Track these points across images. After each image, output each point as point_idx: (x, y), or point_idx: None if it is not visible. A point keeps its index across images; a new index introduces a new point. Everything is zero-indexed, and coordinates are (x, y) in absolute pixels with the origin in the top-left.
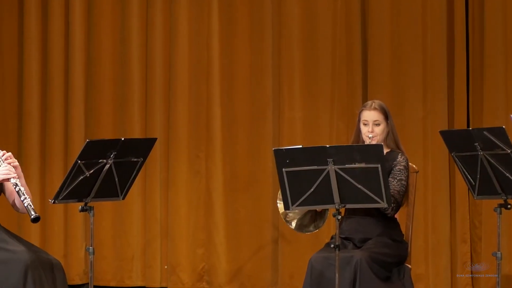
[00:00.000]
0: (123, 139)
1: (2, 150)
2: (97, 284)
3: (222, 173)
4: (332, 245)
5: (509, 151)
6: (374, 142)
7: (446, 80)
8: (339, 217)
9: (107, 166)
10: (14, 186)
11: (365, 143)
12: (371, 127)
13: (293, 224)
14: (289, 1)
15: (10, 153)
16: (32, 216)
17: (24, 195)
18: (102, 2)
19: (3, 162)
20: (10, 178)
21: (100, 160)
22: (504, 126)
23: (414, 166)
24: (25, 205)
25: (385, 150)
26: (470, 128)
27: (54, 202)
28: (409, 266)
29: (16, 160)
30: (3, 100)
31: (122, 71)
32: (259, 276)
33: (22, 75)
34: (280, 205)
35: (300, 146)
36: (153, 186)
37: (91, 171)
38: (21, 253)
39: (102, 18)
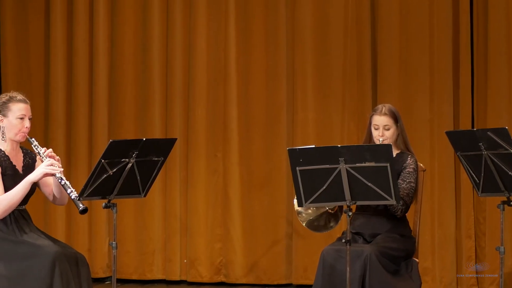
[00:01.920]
0: (144, 139)
1: (42, 147)
2: (119, 277)
3: (239, 171)
4: (343, 240)
5: None
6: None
7: (451, 83)
8: (350, 213)
9: (130, 165)
10: (59, 180)
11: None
12: (382, 131)
13: (305, 224)
14: (303, 8)
15: (51, 149)
16: (81, 208)
17: (70, 188)
18: (124, 10)
19: (46, 157)
20: (55, 173)
21: (122, 159)
22: (507, 127)
23: (421, 165)
24: (72, 197)
25: (395, 152)
26: (475, 129)
27: (79, 199)
28: (417, 260)
29: (55, 155)
30: (30, 102)
31: (144, 75)
32: (274, 269)
33: (48, 79)
34: (296, 203)
35: (313, 146)
36: (173, 184)
37: (114, 169)
38: (48, 247)
39: (125, 25)
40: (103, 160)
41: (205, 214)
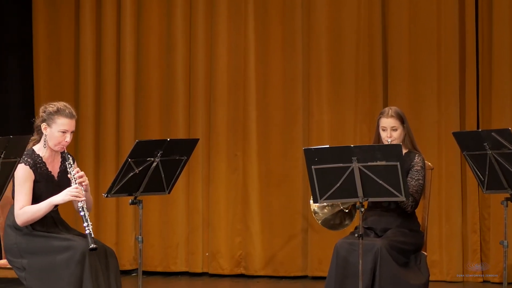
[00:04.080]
0: (169, 139)
1: (76, 168)
2: (145, 269)
3: (258, 170)
4: (356, 234)
5: None
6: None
7: (458, 86)
8: (363, 209)
9: (155, 163)
10: (80, 210)
11: None
12: (389, 132)
13: (321, 222)
14: (318, 16)
15: (82, 173)
16: (90, 247)
17: (87, 221)
18: (150, 17)
19: (76, 181)
20: (78, 202)
21: (148, 158)
22: (510, 128)
23: (429, 164)
24: (87, 232)
25: (403, 151)
26: (480, 130)
27: (107, 196)
28: (425, 253)
29: (87, 178)
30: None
31: (168, 78)
32: (290, 262)
33: (78, 81)
34: (312, 203)
35: (327, 146)
36: (196, 182)
37: (140, 168)
38: (79, 241)
39: (150, 30)
40: (129, 159)
41: (225, 210)
